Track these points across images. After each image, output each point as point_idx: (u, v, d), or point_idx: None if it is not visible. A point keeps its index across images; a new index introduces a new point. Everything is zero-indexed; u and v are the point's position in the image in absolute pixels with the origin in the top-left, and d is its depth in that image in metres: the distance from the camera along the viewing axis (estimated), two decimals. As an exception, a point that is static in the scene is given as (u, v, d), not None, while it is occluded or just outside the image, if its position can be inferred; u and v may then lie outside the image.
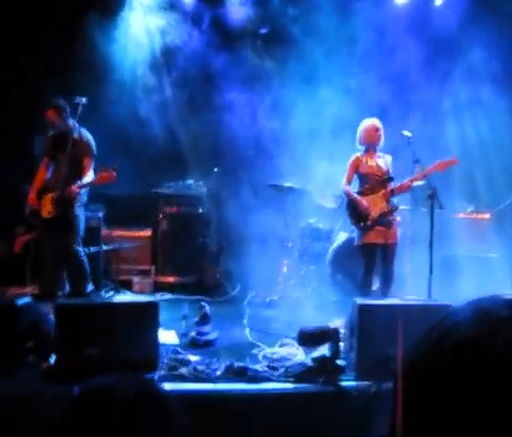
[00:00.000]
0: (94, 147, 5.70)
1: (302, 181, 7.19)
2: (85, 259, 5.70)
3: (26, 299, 4.12)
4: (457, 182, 6.83)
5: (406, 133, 5.57)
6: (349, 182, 5.84)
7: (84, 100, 5.44)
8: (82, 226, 5.74)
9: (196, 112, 8.03)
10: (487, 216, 7.43)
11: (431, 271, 4.87)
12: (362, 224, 5.64)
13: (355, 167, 5.80)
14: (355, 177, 5.86)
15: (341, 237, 6.99)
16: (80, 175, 5.59)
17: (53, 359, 4.06)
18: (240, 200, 7.19)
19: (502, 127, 7.76)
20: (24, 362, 3.81)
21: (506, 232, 6.83)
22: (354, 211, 5.72)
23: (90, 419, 1.09)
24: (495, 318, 0.79)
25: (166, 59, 8.24)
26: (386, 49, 7.72)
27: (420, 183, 5.72)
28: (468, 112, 7.97)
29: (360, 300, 4.40)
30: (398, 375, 0.85)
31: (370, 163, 5.75)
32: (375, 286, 6.01)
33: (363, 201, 5.64)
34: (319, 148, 7.41)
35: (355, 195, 5.73)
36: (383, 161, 5.77)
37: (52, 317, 4.22)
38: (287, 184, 7.06)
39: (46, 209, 5.58)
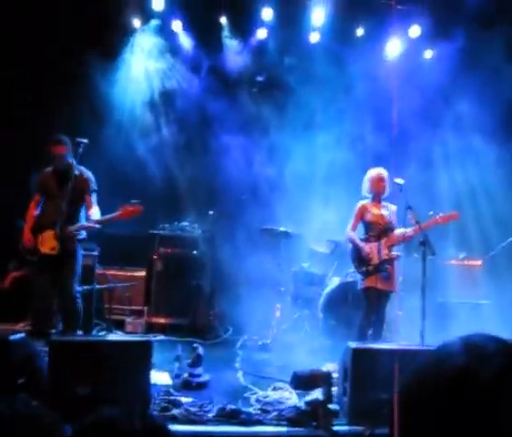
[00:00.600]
0: (95, 184, 5.72)
1: (295, 226, 7.27)
2: (80, 299, 5.63)
3: (20, 335, 4.09)
4: (449, 229, 6.92)
5: (398, 180, 5.67)
6: (354, 229, 5.98)
7: (85, 141, 5.51)
8: (80, 264, 5.71)
9: (193, 155, 8.16)
10: (479, 263, 7.52)
11: (423, 317, 4.90)
12: (363, 269, 5.77)
13: (361, 215, 5.96)
14: (361, 223, 6.01)
15: (334, 282, 7.02)
16: (80, 212, 5.61)
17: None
18: (234, 244, 7.24)
19: (492, 176, 7.94)
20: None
21: (498, 279, 6.90)
22: (357, 256, 5.85)
23: None
24: (483, 351, 0.85)
25: (164, 102, 8.43)
26: (380, 99, 7.94)
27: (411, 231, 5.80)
28: (459, 161, 8.15)
29: (353, 344, 4.41)
30: (394, 406, 0.89)
31: (375, 212, 5.90)
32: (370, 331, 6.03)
33: (366, 247, 5.78)
34: (313, 194, 7.53)
35: (358, 241, 5.87)
36: (386, 210, 5.93)
37: (45, 354, 4.20)
38: (281, 228, 7.13)
39: (48, 245, 5.48)
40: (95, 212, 5.57)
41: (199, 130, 8.23)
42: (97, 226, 5.49)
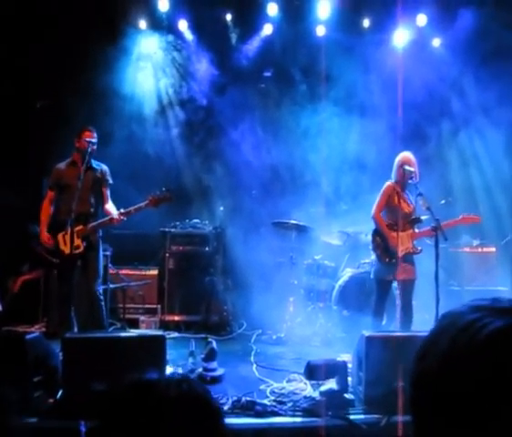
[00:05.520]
0: (110, 177, 5.67)
1: (307, 218, 7.24)
2: (103, 299, 5.50)
3: (35, 334, 4.13)
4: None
5: (409, 168, 5.57)
6: (380, 211, 5.62)
7: (94, 140, 5.48)
8: (102, 263, 5.58)
9: (201, 152, 8.17)
10: (493, 249, 7.44)
11: (437, 302, 4.84)
12: (387, 260, 5.55)
13: (388, 198, 5.59)
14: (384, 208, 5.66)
15: (346, 273, 6.99)
16: (99, 206, 5.51)
17: (60, 394, 4.05)
18: (245, 238, 7.24)
19: (505, 163, 7.85)
20: (32, 396, 3.81)
21: (512, 265, 6.84)
22: (383, 245, 5.60)
23: (132, 414, 1.08)
24: (494, 304, 0.83)
25: (172, 101, 8.44)
26: (388, 90, 7.88)
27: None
28: (471, 149, 8.08)
29: (367, 333, 4.38)
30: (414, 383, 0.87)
31: (402, 198, 5.60)
32: (384, 321, 5.98)
33: (394, 239, 5.48)
34: (324, 186, 7.51)
35: (387, 229, 5.55)
36: (411, 201, 5.68)
37: (60, 354, 4.23)
38: (292, 221, 7.10)
39: (72, 245, 5.07)
40: (111, 206, 5.51)
41: (207, 127, 8.24)
42: (124, 218, 5.34)
